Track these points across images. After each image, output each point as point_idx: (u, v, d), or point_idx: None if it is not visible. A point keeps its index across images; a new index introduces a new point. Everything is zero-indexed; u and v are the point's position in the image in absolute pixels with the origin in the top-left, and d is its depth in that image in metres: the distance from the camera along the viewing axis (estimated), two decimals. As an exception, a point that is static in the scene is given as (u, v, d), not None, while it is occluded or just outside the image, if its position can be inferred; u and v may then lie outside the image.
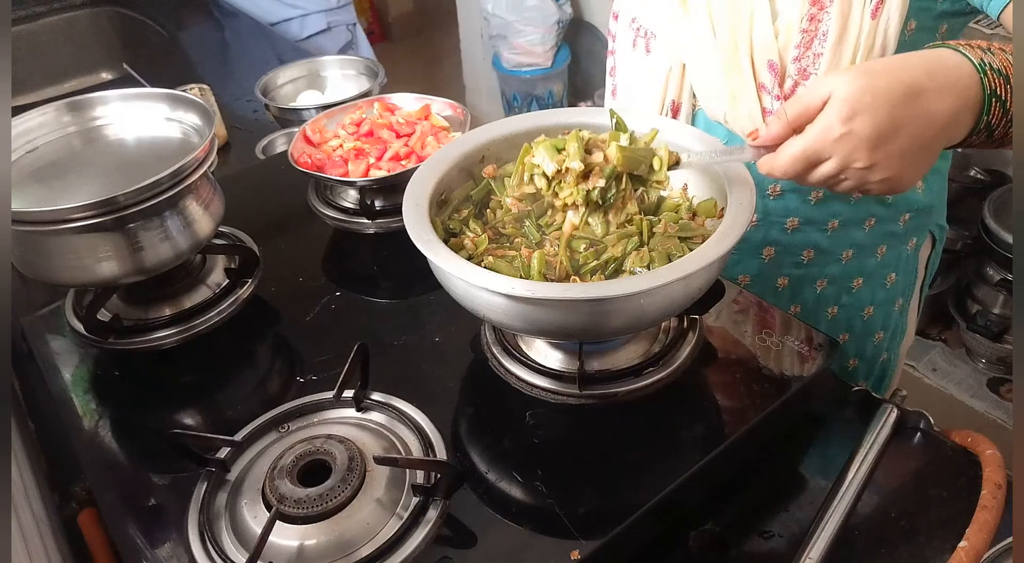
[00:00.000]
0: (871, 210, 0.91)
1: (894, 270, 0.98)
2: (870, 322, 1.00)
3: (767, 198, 0.89)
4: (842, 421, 0.75)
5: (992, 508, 0.62)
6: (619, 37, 0.94)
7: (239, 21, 1.94)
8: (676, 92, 0.88)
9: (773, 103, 0.78)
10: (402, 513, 0.63)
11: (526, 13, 2.72)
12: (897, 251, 0.96)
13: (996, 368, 2.00)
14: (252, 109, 1.43)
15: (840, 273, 0.95)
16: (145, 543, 0.65)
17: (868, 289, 0.97)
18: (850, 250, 0.93)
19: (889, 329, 1.02)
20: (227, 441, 0.69)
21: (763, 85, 0.78)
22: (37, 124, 0.87)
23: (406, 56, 4.11)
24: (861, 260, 0.95)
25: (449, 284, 0.67)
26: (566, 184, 0.70)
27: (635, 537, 0.64)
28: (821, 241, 0.92)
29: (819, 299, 0.96)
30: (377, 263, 0.98)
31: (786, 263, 0.94)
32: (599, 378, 0.73)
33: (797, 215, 0.90)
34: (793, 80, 0.78)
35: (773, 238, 0.92)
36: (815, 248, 0.93)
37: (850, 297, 0.97)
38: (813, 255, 0.93)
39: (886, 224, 0.93)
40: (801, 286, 0.96)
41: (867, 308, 0.99)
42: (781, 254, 0.94)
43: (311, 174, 0.98)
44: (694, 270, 0.61)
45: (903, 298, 1.01)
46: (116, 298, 0.86)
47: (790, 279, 0.95)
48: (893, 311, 1.01)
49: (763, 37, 0.77)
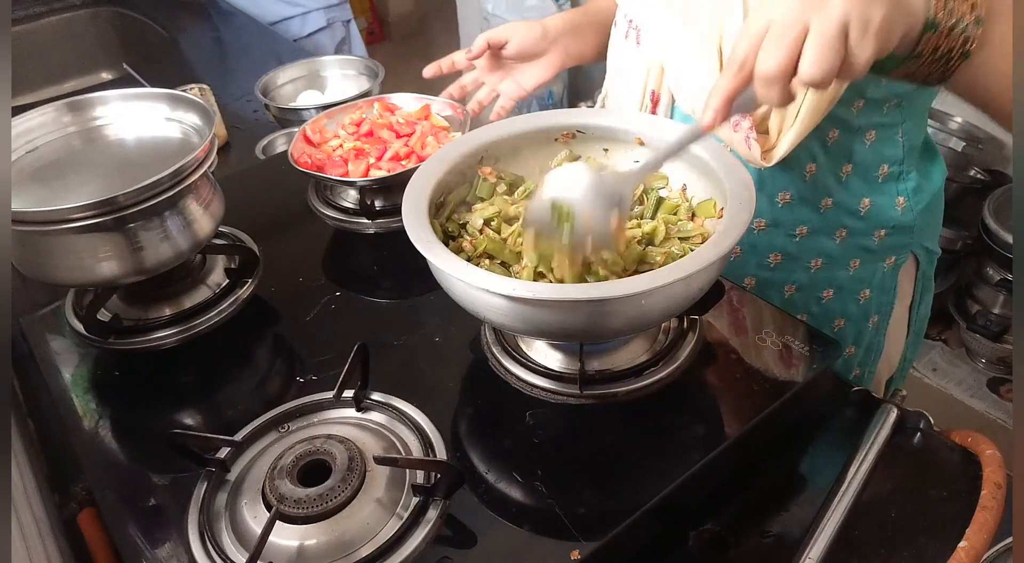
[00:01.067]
0: (842, 221, 0.90)
1: (868, 286, 0.96)
2: (840, 335, 0.99)
3: None
4: (842, 421, 0.75)
5: (992, 508, 0.62)
6: (618, 27, 0.95)
7: (239, 21, 1.94)
8: (656, 84, 0.88)
9: None
10: (402, 513, 0.63)
11: (526, 13, 2.72)
12: (872, 267, 0.95)
13: (996, 368, 2.00)
14: (252, 109, 1.44)
15: (808, 281, 0.95)
16: (145, 543, 0.65)
17: (838, 301, 0.96)
18: (819, 259, 0.93)
19: (862, 345, 1.01)
20: (227, 441, 0.69)
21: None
22: (37, 124, 0.87)
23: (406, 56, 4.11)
24: (831, 271, 0.94)
25: (448, 285, 0.67)
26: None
27: (635, 537, 0.64)
28: (788, 246, 0.92)
29: (785, 304, 0.95)
30: (377, 263, 0.98)
31: (753, 264, 0.94)
32: (599, 378, 0.73)
33: (763, 217, 0.90)
34: None
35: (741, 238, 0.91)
36: (782, 252, 0.92)
37: (819, 307, 0.97)
38: (780, 259, 0.93)
39: (858, 237, 0.92)
40: (767, 289, 0.95)
41: (837, 320, 0.98)
42: (749, 254, 0.94)
43: (311, 174, 0.98)
44: (694, 270, 0.61)
45: (879, 316, 0.99)
46: (116, 298, 0.86)
47: (757, 280, 0.95)
48: (867, 327, 1.00)
49: (733, 31, 0.77)
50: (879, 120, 0.86)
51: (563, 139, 0.82)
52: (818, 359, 0.74)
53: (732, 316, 0.81)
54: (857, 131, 0.86)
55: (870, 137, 0.86)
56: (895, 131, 0.87)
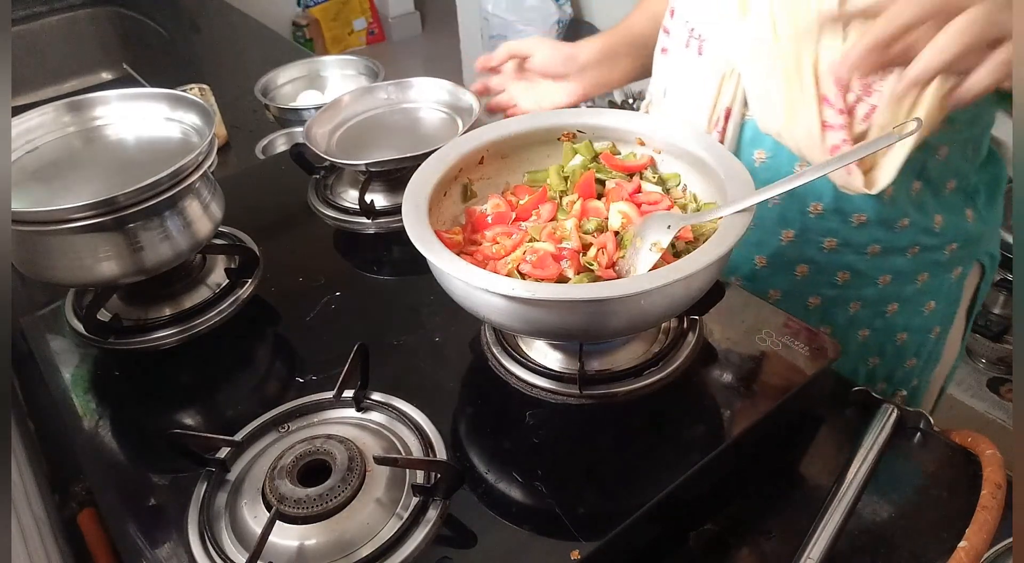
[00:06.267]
0: (917, 239, 0.88)
1: (933, 298, 0.94)
2: (902, 348, 0.96)
3: (807, 215, 0.87)
4: (842, 421, 0.75)
5: (992, 508, 0.62)
6: (673, 34, 0.90)
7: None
8: (730, 99, 0.83)
9: (835, 118, 0.73)
10: (402, 513, 0.63)
11: (526, 13, 2.72)
12: (940, 280, 0.93)
13: (996, 368, 2.00)
14: (252, 109, 1.43)
15: (876, 296, 0.92)
16: (145, 543, 0.65)
17: (903, 315, 0.94)
18: (888, 276, 0.90)
19: (923, 356, 0.99)
20: (227, 441, 0.69)
21: (825, 97, 0.73)
22: (37, 124, 0.87)
23: (406, 56, 4.11)
24: (899, 286, 0.91)
25: (448, 285, 0.67)
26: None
27: (635, 537, 0.64)
28: (858, 263, 0.89)
29: (851, 321, 0.93)
30: (377, 263, 0.98)
31: (821, 282, 0.91)
32: (599, 378, 0.73)
33: (836, 236, 0.88)
34: (856, 95, 0.72)
35: (809, 256, 0.89)
36: (851, 270, 0.90)
37: (883, 321, 0.94)
38: (848, 277, 0.90)
39: (930, 253, 0.90)
40: (833, 307, 0.93)
41: (900, 334, 0.95)
42: (815, 273, 0.91)
43: (324, 158, 0.99)
44: (694, 270, 0.61)
45: (941, 326, 0.97)
46: (116, 298, 0.86)
47: (823, 299, 0.93)
48: (929, 339, 0.97)
49: (830, 46, 0.72)
50: (954, 136, 0.83)
51: (563, 139, 0.82)
52: (818, 359, 0.74)
53: (732, 316, 0.81)
54: (932, 148, 0.83)
55: (942, 153, 0.84)
56: (967, 146, 0.86)
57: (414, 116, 1.10)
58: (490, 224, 0.77)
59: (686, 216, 0.71)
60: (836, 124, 0.73)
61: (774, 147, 0.84)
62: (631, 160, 0.81)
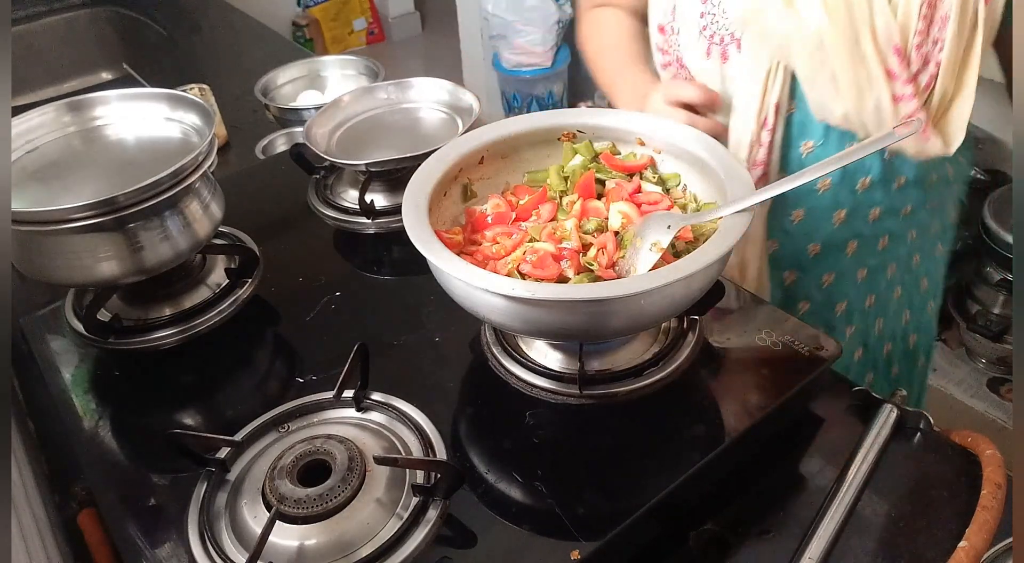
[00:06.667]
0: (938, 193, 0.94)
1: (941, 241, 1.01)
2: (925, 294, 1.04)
3: (856, 193, 0.89)
4: (842, 421, 0.75)
5: (992, 508, 0.62)
6: (685, 48, 0.89)
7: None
8: (778, 94, 0.83)
9: (903, 88, 0.75)
10: (402, 513, 0.63)
11: (526, 13, 2.72)
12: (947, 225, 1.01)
13: (996, 368, 2.00)
14: (252, 109, 1.43)
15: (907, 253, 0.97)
16: (145, 543, 0.65)
17: (924, 263, 1.00)
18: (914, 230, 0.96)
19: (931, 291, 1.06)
20: (227, 441, 0.69)
21: (892, 71, 0.75)
22: (37, 124, 0.87)
23: (406, 56, 4.11)
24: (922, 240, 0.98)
25: (448, 285, 0.67)
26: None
27: (635, 537, 0.64)
28: (895, 226, 0.94)
29: (889, 283, 0.98)
30: (377, 263, 0.98)
31: (867, 253, 0.95)
32: (599, 378, 0.73)
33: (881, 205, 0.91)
34: (916, 67, 0.75)
35: (858, 231, 0.93)
36: (889, 234, 0.94)
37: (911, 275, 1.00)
38: (887, 242, 0.94)
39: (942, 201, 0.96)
40: (876, 274, 0.97)
41: (923, 279, 1.02)
42: (862, 247, 0.94)
43: (324, 158, 0.99)
44: (694, 270, 0.61)
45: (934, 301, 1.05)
46: (116, 298, 0.86)
47: (868, 270, 0.96)
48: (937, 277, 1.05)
49: (884, 22, 0.74)
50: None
51: (563, 139, 0.82)
52: (818, 359, 0.74)
53: (732, 316, 0.81)
54: None
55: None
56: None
57: (414, 116, 1.10)
58: (490, 224, 0.77)
59: (686, 216, 0.71)
60: (905, 94, 0.76)
61: (823, 136, 0.84)
62: (631, 160, 0.81)
